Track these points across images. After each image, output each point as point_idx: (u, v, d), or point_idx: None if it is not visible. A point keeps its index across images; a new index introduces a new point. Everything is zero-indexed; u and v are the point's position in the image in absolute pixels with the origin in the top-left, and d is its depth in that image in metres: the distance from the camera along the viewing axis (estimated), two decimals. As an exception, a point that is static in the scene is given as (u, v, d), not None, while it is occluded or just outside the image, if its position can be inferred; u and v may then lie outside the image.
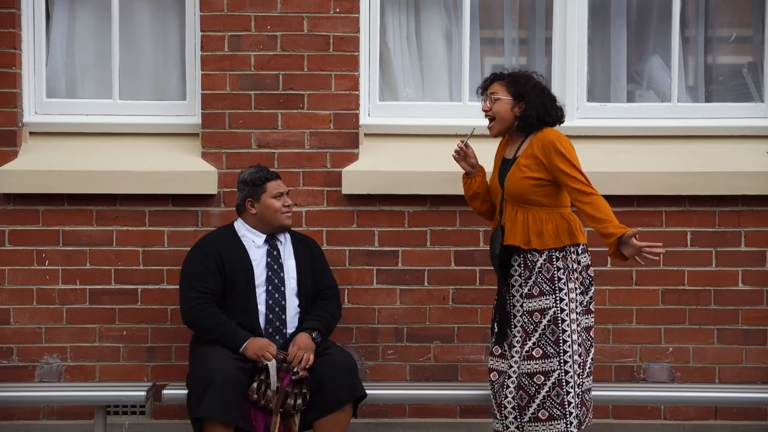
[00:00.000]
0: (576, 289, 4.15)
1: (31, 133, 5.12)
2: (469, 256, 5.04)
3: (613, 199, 4.94)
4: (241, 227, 4.57)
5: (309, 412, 4.34)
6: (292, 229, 4.70)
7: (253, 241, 4.54)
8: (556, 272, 4.13)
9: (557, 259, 4.14)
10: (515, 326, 4.20)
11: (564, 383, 4.04)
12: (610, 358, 5.06)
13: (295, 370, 4.28)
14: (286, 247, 4.60)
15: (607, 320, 5.01)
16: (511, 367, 4.17)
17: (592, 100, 5.20)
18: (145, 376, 5.06)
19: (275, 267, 4.52)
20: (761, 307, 5.06)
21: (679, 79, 5.21)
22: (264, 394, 4.26)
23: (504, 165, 4.29)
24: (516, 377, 4.12)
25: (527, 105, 4.18)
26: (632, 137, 5.13)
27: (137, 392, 4.63)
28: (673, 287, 5.05)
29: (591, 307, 4.25)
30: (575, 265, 4.16)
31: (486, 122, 4.35)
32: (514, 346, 4.18)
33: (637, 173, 4.96)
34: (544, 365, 4.08)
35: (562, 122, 4.30)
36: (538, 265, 4.14)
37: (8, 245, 5.03)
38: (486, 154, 4.50)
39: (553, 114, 4.24)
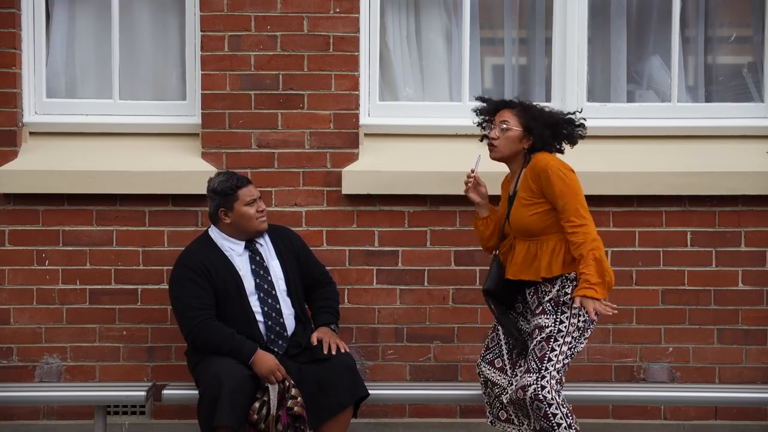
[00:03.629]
0: (580, 315, 4.05)
1: (31, 133, 5.12)
2: (469, 256, 5.04)
3: (613, 199, 4.97)
4: (218, 236, 4.50)
5: (312, 416, 4.31)
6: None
7: (234, 250, 4.48)
8: (563, 297, 4.06)
9: (568, 286, 4.07)
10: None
11: (542, 397, 3.98)
12: (610, 358, 5.06)
13: (289, 405, 4.25)
14: (266, 249, 4.55)
15: (607, 320, 4.99)
16: (510, 384, 4.16)
17: (592, 100, 5.20)
18: (145, 376, 5.06)
19: (261, 272, 4.48)
20: (761, 307, 5.06)
21: (679, 79, 5.21)
22: (265, 417, 4.24)
23: (509, 202, 4.23)
24: (509, 395, 4.12)
25: (536, 138, 4.11)
26: (632, 137, 5.13)
27: (137, 392, 4.63)
28: (673, 287, 5.05)
29: (589, 335, 4.17)
30: None
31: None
32: (521, 366, 4.16)
33: (637, 173, 4.96)
34: (524, 379, 4.03)
35: (562, 152, 4.25)
36: (551, 295, 4.09)
37: (8, 245, 5.03)
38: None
39: (556, 146, 4.19)
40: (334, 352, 4.38)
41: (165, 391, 4.61)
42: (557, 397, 4.01)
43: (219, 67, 4.98)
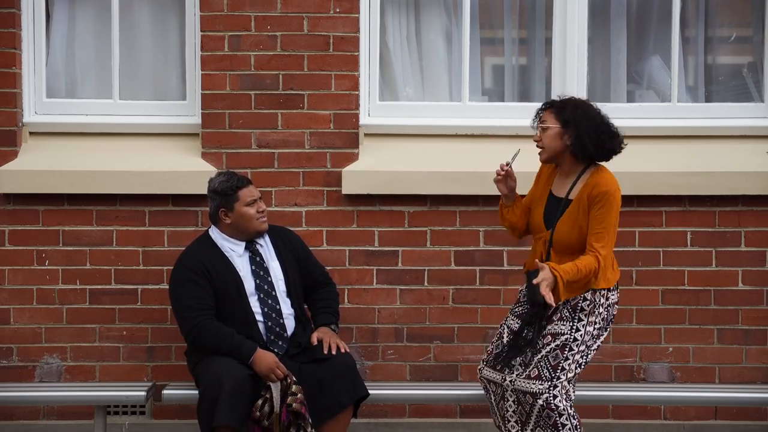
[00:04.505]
0: (596, 323, 4.06)
1: (31, 133, 5.12)
2: (469, 256, 5.04)
3: (613, 199, 4.95)
4: (218, 237, 4.50)
5: (312, 416, 4.30)
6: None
7: (234, 250, 4.48)
8: (581, 302, 4.03)
9: (586, 291, 4.05)
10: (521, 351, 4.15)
11: (554, 407, 3.97)
12: (610, 358, 5.06)
13: (288, 401, 4.24)
14: (267, 250, 4.55)
15: (607, 320, 5.01)
16: (505, 380, 4.12)
17: (592, 100, 5.18)
18: (145, 376, 5.06)
19: (261, 273, 4.48)
20: (761, 307, 5.06)
21: (679, 79, 5.22)
22: (268, 415, 4.24)
23: (552, 203, 4.12)
24: (512, 391, 4.10)
25: (577, 133, 4.00)
26: (632, 137, 5.09)
27: (137, 392, 4.63)
28: (673, 287, 5.05)
29: (600, 344, 4.16)
30: (602, 299, 4.07)
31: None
32: (513, 364, 4.12)
33: (637, 173, 4.95)
34: (534, 386, 4.00)
35: (618, 152, 4.10)
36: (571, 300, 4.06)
37: (8, 245, 5.03)
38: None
39: (608, 144, 4.03)
40: (334, 352, 4.38)
41: (165, 391, 4.61)
42: (568, 408, 4.00)
43: (219, 67, 4.98)
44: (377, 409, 5.05)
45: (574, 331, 4.03)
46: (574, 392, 4.11)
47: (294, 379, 4.28)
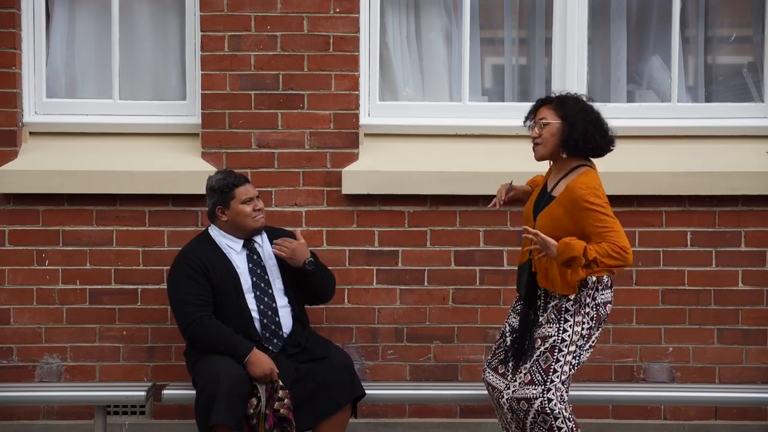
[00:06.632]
0: (584, 323, 4.02)
1: (31, 133, 5.12)
2: (469, 256, 5.04)
3: (613, 199, 4.93)
4: (217, 234, 4.52)
5: (309, 415, 4.32)
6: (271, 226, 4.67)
7: (232, 248, 4.49)
8: (565, 303, 4.00)
9: (571, 293, 4.01)
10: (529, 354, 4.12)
11: (548, 411, 3.95)
12: (610, 358, 5.06)
13: (275, 406, 4.24)
14: (264, 248, 4.57)
15: (608, 320, 4.99)
16: (508, 388, 4.09)
17: (592, 101, 5.19)
18: (145, 376, 5.06)
19: (258, 271, 4.50)
20: (761, 307, 5.06)
21: (679, 79, 5.22)
22: (257, 414, 4.24)
23: (542, 195, 4.11)
24: (507, 399, 4.06)
25: (571, 128, 3.97)
26: (632, 137, 5.13)
27: (137, 392, 4.64)
28: (673, 287, 5.05)
29: (594, 344, 4.11)
30: (587, 299, 4.02)
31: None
32: (520, 371, 4.08)
33: (637, 173, 4.96)
34: (527, 392, 3.98)
35: (608, 151, 4.06)
36: (554, 301, 4.03)
37: (8, 245, 5.03)
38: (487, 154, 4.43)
39: (600, 142, 4.00)
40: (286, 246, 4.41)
41: (165, 391, 4.61)
42: (564, 411, 3.98)
43: (219, 67, 4.98)
44: (377, 409, 5.05)
45: (561, 332, 4.01)
46: (568, 393, 4.09)
47: (281, 383, 4.28)
